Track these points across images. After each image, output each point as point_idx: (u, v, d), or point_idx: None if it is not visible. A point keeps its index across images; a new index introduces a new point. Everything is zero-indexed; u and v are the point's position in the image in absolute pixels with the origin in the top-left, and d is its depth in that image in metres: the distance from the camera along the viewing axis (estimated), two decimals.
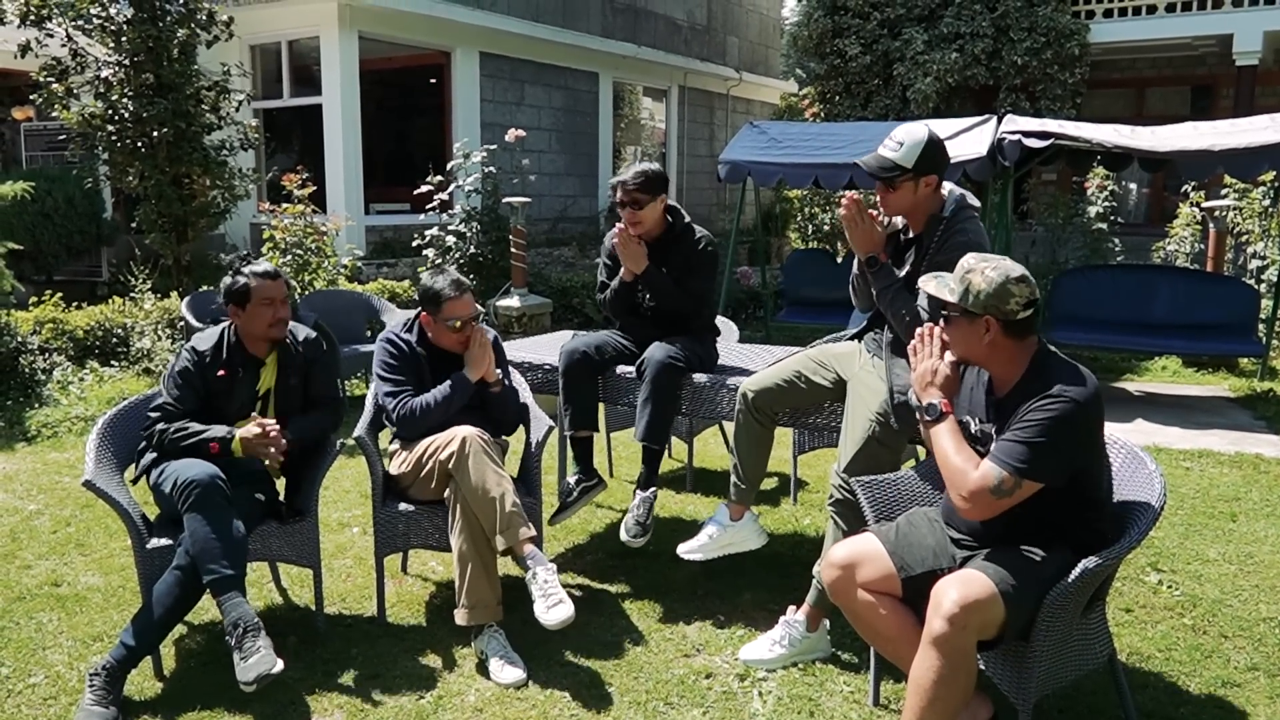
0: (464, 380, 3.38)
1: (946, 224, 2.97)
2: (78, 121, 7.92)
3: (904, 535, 2.61)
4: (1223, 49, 11.97)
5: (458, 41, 12.00)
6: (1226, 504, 4.66)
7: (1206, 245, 8.98)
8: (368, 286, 8.58)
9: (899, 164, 2.92)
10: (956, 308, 2.43)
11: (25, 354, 6.58)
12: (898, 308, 2.99)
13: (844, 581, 2.58)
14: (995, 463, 2.33)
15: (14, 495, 4.78)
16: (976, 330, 2.41)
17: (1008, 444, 2.33)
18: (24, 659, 3.13)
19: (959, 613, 2.23)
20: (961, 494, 2.37)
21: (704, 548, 3.38)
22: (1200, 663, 3.11)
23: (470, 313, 3.40)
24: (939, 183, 3.00)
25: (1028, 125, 7.07)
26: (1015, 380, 2.43)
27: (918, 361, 2.63)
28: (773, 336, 9.26)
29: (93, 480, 2.95)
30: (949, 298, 2.43)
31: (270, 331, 3.23)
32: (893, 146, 2.95)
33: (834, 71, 13.09)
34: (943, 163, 3.00)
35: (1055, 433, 2.28)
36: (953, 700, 2.28)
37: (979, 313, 2.39)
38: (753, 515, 3.43)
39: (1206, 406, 6.86)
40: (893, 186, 2.97)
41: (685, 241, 3.74)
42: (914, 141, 2.92)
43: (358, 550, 4.04)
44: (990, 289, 2.37)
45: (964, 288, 2.41)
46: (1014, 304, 2.37)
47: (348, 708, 2.84)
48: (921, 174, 2.94)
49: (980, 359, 2.48)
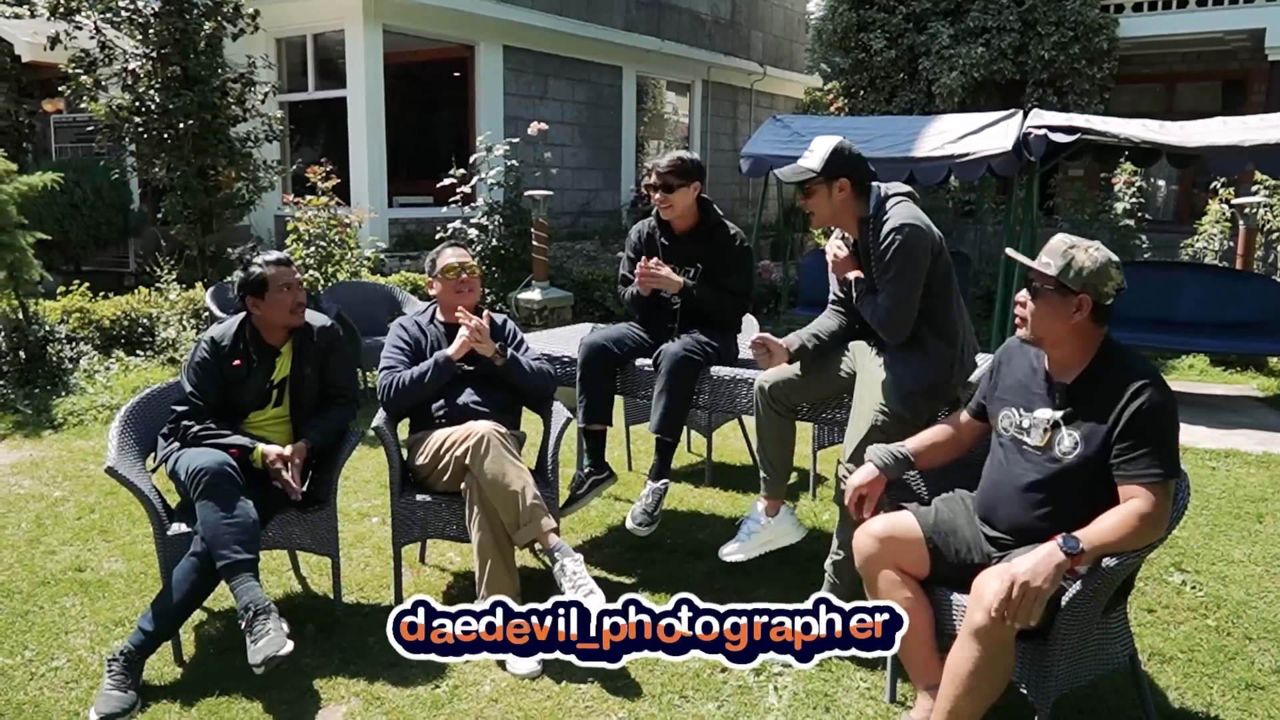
0: (443, 356, 3.46)
1: (873, 220, 3.07)
2: (105, 113, 8.00)
3: (943, 522, 2.61)
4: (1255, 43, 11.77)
5: (482, 35, 12.02)
6: (1253, 504, 4.59)
7: (1236, 243, 8.85)
8: (390, 279, 8.62)
9: (809, 168, 3.07)
10: (1052, 281, 2.39)
11: (53, 343, 6.66)
12: (868, 311, 3.11)
13: (876, 554, 2.59)
14: (1148, 481, 2.29)
15: (40, 482, 4.84)
16: (1067, 307, 2.39)
17: (1146, 457, 2.29)
18: (47, 643, 3.17)
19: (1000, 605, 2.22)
20: (1158, 534, 2.32)
21: (744, 547, 3.38)
22: (1224, 665, 3.06)
23: (455, 262, 3.56)
24: (853, 188, 3.09)
25: (1054, 120, 6.99)
26: (1083, 366, 2.43)
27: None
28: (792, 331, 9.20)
29: (115, 467, 2.99)
30: (1048, 271, 2.40)
31: (291, 318, 3.26)
32: (806, 155, 3.12)
33: (859, 66, 13.00)
34: (855, 168, 3.10)
35: (1173, 423, 2.32)
36: (989, 691, 2.29)
37: (1077, 290, 2.37)
38: (789, 509, 3.43)
39: (1234, 406, 6.77)
40: (809, 193, 3.12)
41: (720, 237, 3.74)
42: (825, 149, 3.09)
43: (377, 540, 4.06)
44: (1095, 267, 2.36)
45: (1065, 262, 2.38)
46: (1110, 287, 2.38)
47: (364, 695, 2.85)
48: (832, 178, 3.08)
49: (1056, 337, 2.44)
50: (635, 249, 3.85)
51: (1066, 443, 2.40)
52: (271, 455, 3.13)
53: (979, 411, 2.75)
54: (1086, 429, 2.38)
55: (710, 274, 3.73)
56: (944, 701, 2.32)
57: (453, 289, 3.57)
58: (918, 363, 3.03)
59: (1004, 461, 2.55)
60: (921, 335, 3.05)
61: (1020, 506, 2.47)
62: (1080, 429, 2.39)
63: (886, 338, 3.08)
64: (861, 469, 2.74)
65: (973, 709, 2.30)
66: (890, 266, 2.98)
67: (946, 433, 2.79)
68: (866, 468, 2.73)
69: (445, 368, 3.44)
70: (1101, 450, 2.35)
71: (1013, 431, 2.54)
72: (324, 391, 3.40)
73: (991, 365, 2.73)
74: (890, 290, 3.00)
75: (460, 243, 3.62)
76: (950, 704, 2.31)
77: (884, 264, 3.00)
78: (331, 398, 3.42)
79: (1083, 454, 2.37)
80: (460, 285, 3.57)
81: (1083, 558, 2.23)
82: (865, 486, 2.71)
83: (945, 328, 3.05)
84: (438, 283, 3.62)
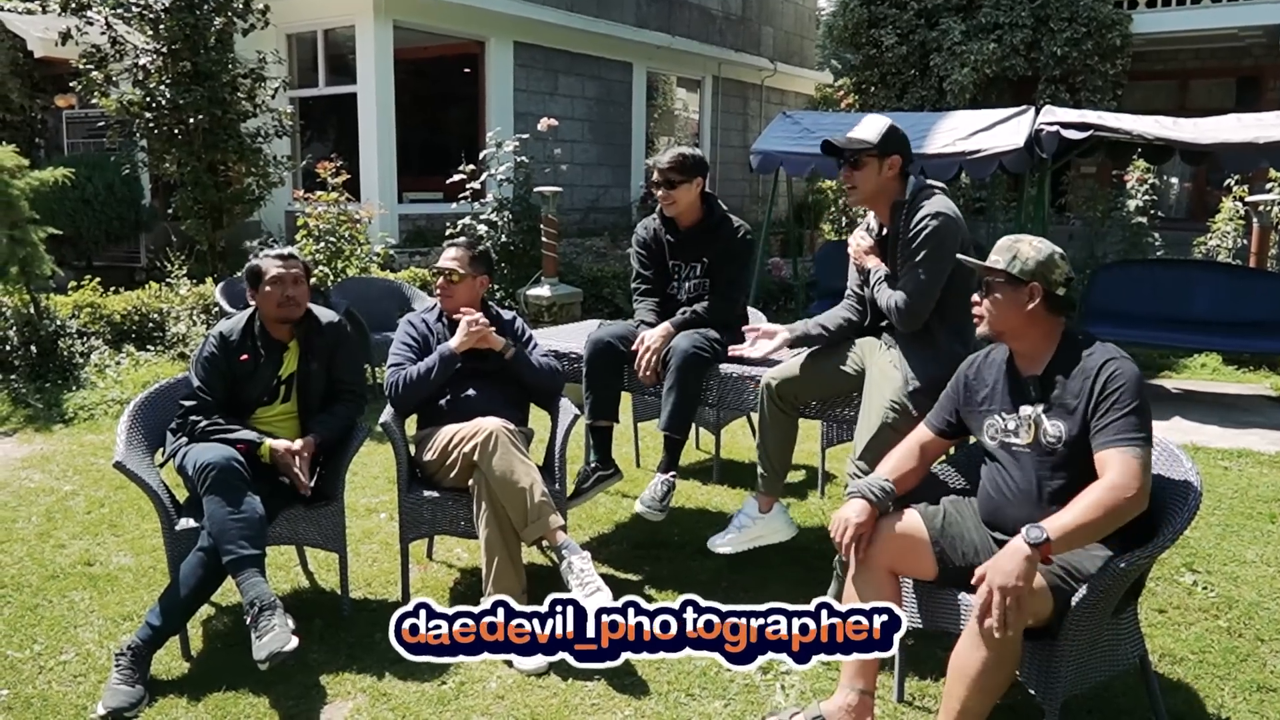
0: (447, 350, 3.46)
1: (908, 206, 3.08)
2: (116, 109, 8.03)
3: (951, 524, 2.59)
4: (1270, 39, 11.69)
5: (492, 31, 12.02)
6: (1266, 505, 4.56)
7: (1249, 241, 8.78)
8: (400, 275, 8.62)
9: (866, 140, 3.07)
10: (1002, 274, 2.48)
11: (64, 337, 6.69)
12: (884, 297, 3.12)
13: (875, 550, 2.57)
14: (1123, 447, 2.29)
15: (50, 476, 4.86)
16: (1020, 298, 2.47)
17: (1117, 423, 2.31)
18: (56, 636, 3.18)
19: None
20: (1134, 503, 2.27)
21: (733, 540, 3.38)
22: (1235, 666, 3.04)
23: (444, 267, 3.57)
24: (902, 168, 3.12)
25: (1066, 116, 6.95)
26: (1048, 356, 2.49)
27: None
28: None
29: (123, 462, 2.99)
30: (998, 265, 2.49)
31: (279, 311, 3.26)
32: (859, 128, 3.12)
33: (870, 62, 12.95)
34: (906, 150, 3.13)
35: (1142, 392, 2.35)
36: (995, 688, 2.28)
37: (1025, 280, 2.46)
38: (782, 507, 3.42)
39: (1247, 405, 6.72)
40: (859, 165, 3.10)
41: (724, 230, 3.73)
42: (880, 124, 3.11)
43: (384, 535, 4.06)
44: (1040, 257, 2.48)
45: (1011, 255, 2.49)
46: (1058, 275, 2.46)
47: (370, 691, 2.85)
48: (886, 153, 3.09)
49: (1016, 330, 2.51)
50: (643, 245, 3.84)
51: (1052, 433, 2.44)
52: (280, 450, 3.14)
53: (945, 429, 2.73)
54: (1064, 412, 2.42)
55: (716, 268, 3.73)
56: (952, 701, 2.31)
57: (439, 290, 3.63)
58: (925, 357, 3.02)
59: (1000, 467, 2.56)
60: (933, 328, 3.05)
61: (1023, 506, 2.47)
62: (1060, 415, 2.42)
63: (900, 324, 3.06)
64: (854, 505, 2.57)
65: (981, 707, 2.29)
66: (919, 252, 2.99)
67: (912, 455, 2.73)
68: (859, 504, 2.57)
69: (449, 361, 3.44)
70: (1081, 430, 2.39)
71: (1000, 437, 2.56)
72: (331, 387, 3.40)
73: (956, 382, 2.72)
74: (914, 275, 3.00)
75: (462, 243, 3.61)
76: (959, 704, 2.29)
77: (913, 249, 3.00)
78: (339, 393, 3.42)
79: (1069, 438, 2.40)
80: (438, 291, 3.62)
81: (1050, 546, 2.19)
82: (864, 525, 2.55)
83: (960, 326, 3.04)
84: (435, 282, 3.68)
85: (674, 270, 3.81)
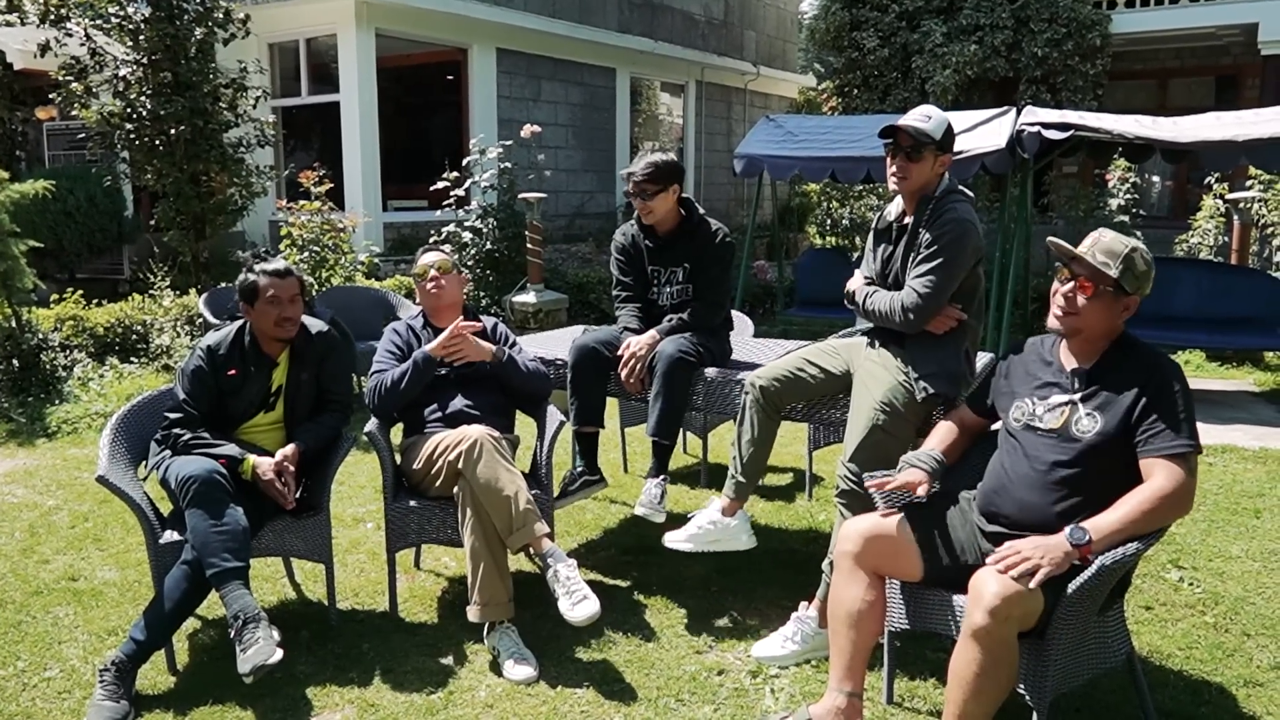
0: (422, 355, 3.45)
1: (936, 202, 3.06)
2: (97, 120, 7.99)
3: (936, 524, 2.60)
4: (1248, 38, 11.78)
5: (475, 38, 12.01)
6: (1250, 500, 4.58)
7: (1231, 238, 8.85)
8: (385, 283, 8.60)
9: (930, 134, 3.02)
10: (1113, 283, 2.41)
11: (47, 351, 6.64)
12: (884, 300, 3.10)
13: (857, 552, 2.57)
14: (1174, 455, 2.32)
15: (34, 490, 4.82)
16: (1119, 306, 2.44)
17: (1169, 430, 2.33)
18: (40, 653, 3.15)
19: (999, 605, 2.20)
20: (1179, 512, 2.36)
21: (692, 538, 3.30)
22: (1222, 661, 3.05)
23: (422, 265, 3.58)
24: (948, 166, 3.13)
25: (1047, 117, 6.99)
26: (1101, 352, 2.48)
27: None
28: (789, 332, 9.21)
29: (106, 475, 2.97)
30: (1109, 273, 2.40)
31: (276, 330, 3.23)
32: (921, 119, 3.05)
33: (852, 65, 13.01)
34: (954, 149, 3.15)
35: (1192, 403, 2.38)
36: (995, 692, 2.27)
37: (1132, 292, 2.42)
38: (745, 515, 3.35)
39: (1230, 401, 6.76)
40: (917, 157, 3.04)
41: (702, 234, 3.71)
42: (940, 119, 3.07)
43: (371, 545, 4.04)
44: (1150, 270, 2.42)
45: (1125, 266, 2.39)
46: (1149, 286, 2.44)
47: (359, 702, 2.83)
48: (943, 150, 3.06)
49: (1097, 333, 2.48)
50: (621, 252, 3.82)
51: (1085, 422, 2.42)
52: (263, 468, 3.10)
53: (984, 409, 2.76)
54: (1106, 407, 2.40)
55: (697, 273, 3.71)
56: (952, 706, 2.29)
57: (426, 291, 3.59)
58: (940, 356, 3.02)
59: (1014, 449, 2.54)
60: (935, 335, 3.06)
61: (1030, 488, 2.46)
62: (1100, 407, 2.41)
63: (906, 325, 3.02)
64: (912, 471, 2.64)
65: (980, 711, 2.27)
66: (940, 255, 2.97)
67: (954, 430, 2.80)
68: (916, 472, 2.63)
69: (425, 367, 3.42)
70: (1121, 429, 2.37)
71: (1025, 420, 2.54)
72: (319, 397, 3.39)
73: (999, 364, 2.74)
74: (928, 275, 2.98)
75: (436, 246, 3.61)
76: (958, 708, 2.27)
77: (935, 249, 2.98)
78: (326, 403, 3.40)
79: (1102, 431, 2.39)
80: (431, 285, 3.58)
81: (1090, 547, 2.24)
82: (913, 485, 2.61)
83: (962, 326, 3.06)
84: (418, 288, 3.64)
85: (653, 276, 3.79)
